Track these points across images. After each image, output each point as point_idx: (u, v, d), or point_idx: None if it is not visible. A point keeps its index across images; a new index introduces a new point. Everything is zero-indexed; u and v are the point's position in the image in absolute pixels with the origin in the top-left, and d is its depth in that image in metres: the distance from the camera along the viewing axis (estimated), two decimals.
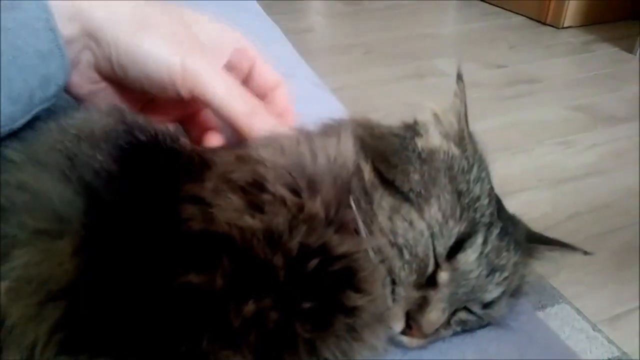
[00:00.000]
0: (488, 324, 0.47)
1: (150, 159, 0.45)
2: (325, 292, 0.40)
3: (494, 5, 3.26)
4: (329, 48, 2.87)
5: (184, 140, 0.50)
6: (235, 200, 0.41)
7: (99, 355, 0.34)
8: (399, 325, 0.43)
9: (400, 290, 0.43)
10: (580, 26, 2.97)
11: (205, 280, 0.37)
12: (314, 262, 0.39)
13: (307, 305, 0.39)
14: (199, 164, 0.45)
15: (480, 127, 0.53)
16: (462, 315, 0.46)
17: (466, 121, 0.48)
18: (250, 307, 0.37)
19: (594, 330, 1.30)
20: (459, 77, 0.49)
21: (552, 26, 2.98)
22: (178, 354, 0.35)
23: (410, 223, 0.43)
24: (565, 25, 2.95)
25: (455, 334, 0.46)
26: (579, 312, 1.35)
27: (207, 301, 0.36)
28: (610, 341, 1.27)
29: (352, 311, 0.40)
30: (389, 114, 0.58)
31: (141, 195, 0.42)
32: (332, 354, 0.40)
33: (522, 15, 3.12)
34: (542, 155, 1.96)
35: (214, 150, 0.48)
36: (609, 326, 1.32)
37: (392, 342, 0.44)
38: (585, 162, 1.91)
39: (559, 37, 2.92)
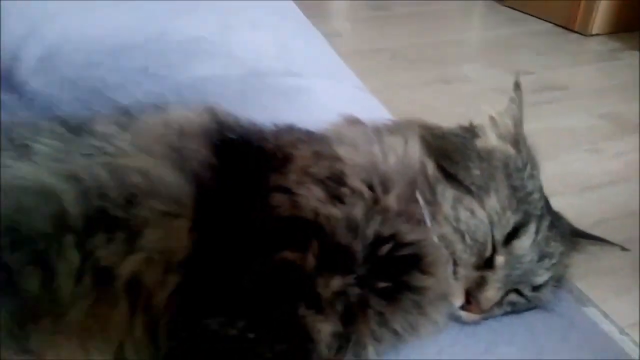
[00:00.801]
0: (534, 307, 0.53)
1: (239, 154, 0.52)
2: (395, 273, 0.46)
3: (520, 11, 3.28)
4: (355, 53, 2.92)
5: (267, 138, 0.57)
6: (317, 191, 0.48)
7: (213, 315, 0.41)
8: (459, 301, 0.50)
9: (461, 270, 0.49)
10: (608, 34, 2.97)
11: (299, 257, 0.44)
12: (386, 248, 0.46)
13: (381, 284, 0.45)
14: (281, 158, 0.52)
15: None
16: (513, 297, 0.52)
17: (521, 125, 0.53)
18: (336, 282, 0.44)
19: (620, 334, 1.33)
20: (517, 86, 0.55)
21: (580, 33, 2.99)
22: (280, 317, 0.41)
23: (472, 212, 0.49)
24: (593, 32, 2.95)
25: (505, 314, 0.52)
26: (605, 315, 1.38)
27: (301, 275, 0.43)
28: (636, 344, 1.30)
29: (419, 290, 0.47)
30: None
31: (237, 184, 0.49)
32: (400, 326, 0.47)
33: (549, 22, 3.13)
34: (568, 162, 1.99)
35: (293, 145, 0.55)
36: (636, 330, 1.35)
37: (452, 317, 0.50)
38: (611, 170, 1.93)
39: (587, 45, 2.92)
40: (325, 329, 0.42)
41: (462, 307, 0.50)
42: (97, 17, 1.12)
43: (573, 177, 1.91)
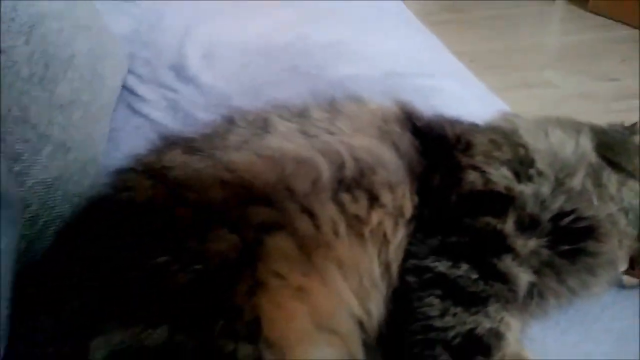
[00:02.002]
0: None
1: (429, 139, 0.64)
2: (575, 240, 0.57)
3: (602, 16, 3.23)
4: None
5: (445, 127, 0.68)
6: (504, 171, 0.59)
7: (439, 260, 0.53)
8: (623, 266, 0.61)
9: (626, 241, 0.60)
10: None
11: (499, 222, 0.55)
12: (567, 220, 0.57)
13: (564, 248, 0.56)
14: (464, 143, 0.64)
15: None
16: None
17: None
18: (532, 243, 0.55)
19: None
20: None
21: None
22: (492, 264, 0.53)
23: (636, 193, 0.60)
24: None
25: None
26: None
27: (503, 235, 0.54)
28: None
29: (593, 255, 0.58)
30: None
31: (435, 163, 0.61)
32: (576, 284, 0.58)
33: (634, 27, 3.07)
34: None
35: (470, 133, 0.66)
36: None
37: (615, 281, 0.61)
38: None
39: None
40: (523, 278, 0.54)
41: (625, 272, 0.61)
42: (241, 22, 1.28)
43: None
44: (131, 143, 0.83)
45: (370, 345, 0.54)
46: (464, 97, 1.02)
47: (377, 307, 0.55)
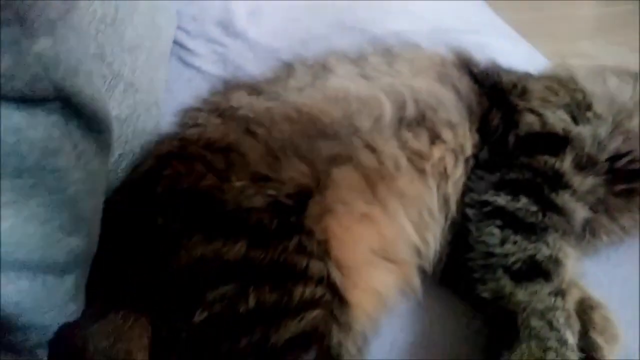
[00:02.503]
0: None
1: (486, 83, 0.66)
2: (629, 180, 0.59)
3: None
4: None
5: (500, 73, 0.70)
6: (561, 114, 0.61)
7: (498, 194, 0.56)
8: None
9: None
10: None
11: (557, 160, 0.57)
12: (623, 161, 0.59)
13: (620, 187, 0.59)
14: (520, 89, 0.65)
15: None
16: None
17: None
18: (589, 181, 0.58)
19: None
20: None
21: None
22: (548, 196, 0.55)
23: None
24: None
25: None
26: None
27: (560, 172, 0.57)
28: None
29: None
30: None
31: (492, 105, 0.63)
32: (627, 221, 0.61)
33: None
34: None
35: (524, 80, 0.68)
36: None
37: None
38: None
39: None
40: (580, 213, 0.56)
41: None
42: None
43: None
44: (185, 94, 0.86)
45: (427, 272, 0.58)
46: (510, 54, 1.02)
47: (434, 238, 0.58)
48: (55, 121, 0.43)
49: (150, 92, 0.78)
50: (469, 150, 0.60)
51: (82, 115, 0.46)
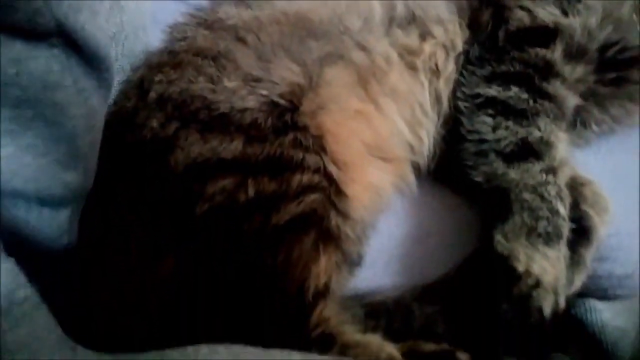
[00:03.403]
0: None
1: None
2: (619, 69, 0.60)
3: None
4: None
5: None
6: (552, 9, 0.61)
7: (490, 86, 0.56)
8: None
9: None
10: None
11: (547, 52, 0.58)
12: (614, 50, 0.59)
13: (609, 75, 0.60)
14: None
15: None
16: None
17: None
18: (580, 69, 0.58)
19: None
20: None
21: None
22: (540, 84, 0.56)
23: None
24: None
25: None
26: None
27: (552, 63, 0.57)
28: None
29: (635, 82, 0.61)
30: None
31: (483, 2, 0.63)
32: (616, 109, 0.62)
33: None
34: None
35: None
36: None
37: None
38: None
39: None
40: (571, 100, 0.57)
41: None
42: None
43: None
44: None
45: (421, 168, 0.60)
46: None
47: (427, 134, 0.59)
48: (56, 55, 0.43)
49: (136, 16, 0.77)
50: (459, 46, 0.60)
51: (83, 52, 0.46)
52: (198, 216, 0.48)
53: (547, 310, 0.47)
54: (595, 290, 0.55)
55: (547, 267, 0.47)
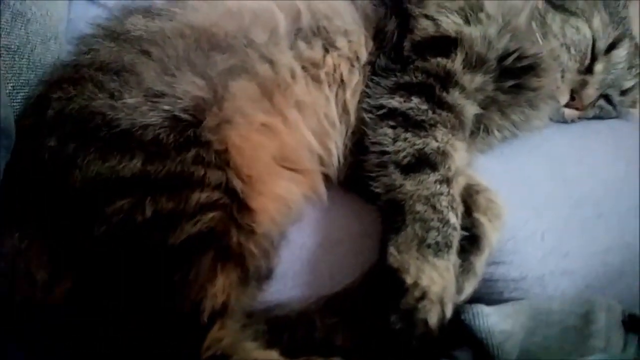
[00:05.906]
0: (616, 117, 0.70)
1: None
2: (518, 76, 0.62)
3: None
4: None
5: None
6: (454, 17, 0.62)
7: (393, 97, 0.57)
8: (564, 98, 0.67)
9: (568, 75, 0.66)
10: None
11: (449, 61, 0.59)
12: (512, 58, 0.62)
13: (508, 83, 0.62)
14: None
15: None
16: (602, 102, 0.69)
17: None
18: (479, 79, 0.60)
19: None
20: None
21: None
22: (441, 94, 0.58)
23: (577, 29, 0.65)
24: None
25: (594, 117, 0.69)
26: None
27: (452, 72, 0.58)
28: None
29: (534, 89, 0.63)
30: None
31: (388, 13, 0.64)
32: (518, 117, 0.64)
33: None
34: None
35: None
36: None
37: (556, 115, 0.67)
38: None
39: None
40: (470, 109, 0.59)
41: (566, 105, 0.67)
42: None
43: None
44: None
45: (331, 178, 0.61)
46: None
47: (336, 146, 0.60)
48: None
49: (46, 25, 0.74)
50: (364, 58, 0.61)
51: None
52: (96, 237, 0.47)
53: (433, 321, 0.48)
54: (491, 293, 0.57)
55: (435, 277, 0.49)
